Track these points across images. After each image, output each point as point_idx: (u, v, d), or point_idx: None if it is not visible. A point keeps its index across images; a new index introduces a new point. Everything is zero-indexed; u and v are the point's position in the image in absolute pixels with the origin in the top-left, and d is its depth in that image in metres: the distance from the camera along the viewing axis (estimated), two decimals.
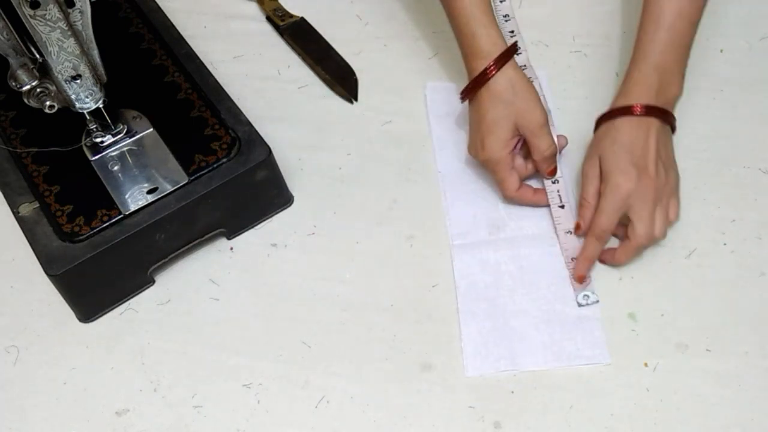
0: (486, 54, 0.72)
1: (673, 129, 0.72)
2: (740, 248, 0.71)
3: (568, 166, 0.77)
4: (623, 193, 0.68)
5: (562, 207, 0.73)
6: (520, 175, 0.74)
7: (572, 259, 0.71)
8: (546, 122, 0.72)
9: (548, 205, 0.74)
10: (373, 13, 0.91)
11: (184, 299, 0.73)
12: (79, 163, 0.72)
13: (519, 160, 0.74)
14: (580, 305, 0.69)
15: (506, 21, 0.85)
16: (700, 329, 0.67)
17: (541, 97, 0.77)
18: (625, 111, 0.71)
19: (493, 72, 0.71)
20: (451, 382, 0.67)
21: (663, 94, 0.71)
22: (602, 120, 0.73)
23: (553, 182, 0.74)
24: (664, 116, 0.71)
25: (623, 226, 0.70)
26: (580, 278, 0.70)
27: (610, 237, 0.71)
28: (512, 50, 0.72)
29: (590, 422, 0.64)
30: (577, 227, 0.72)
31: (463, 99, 0.75)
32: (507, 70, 0.71)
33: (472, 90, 0.73)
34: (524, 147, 0.74)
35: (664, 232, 0.69)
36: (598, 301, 0.69)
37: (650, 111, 0.70)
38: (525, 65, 0.81)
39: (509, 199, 0.74)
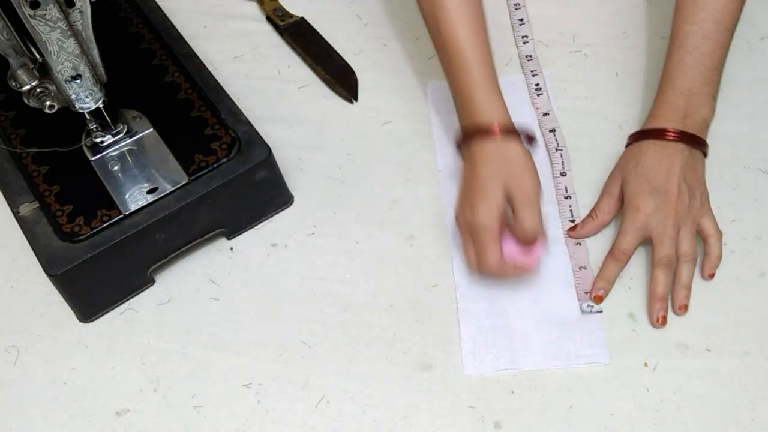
0: (494, 118, 0.69)
1: (704, 154, 0.72)
2: (740, 248, 0.71)
3: (579, 179, 0.76)
4: (642, 216, 0.68)
5: (573, 221, 0.73)
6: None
7: (580, 268, 0.71)
8: (538, 197, 0.67)
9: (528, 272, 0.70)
10: (373, 13, 0.91)
11: (184, 299, 0.73)
12: (79, 163, 0.72)
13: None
14: (583, 312, 0.69)
15: (521, 25, 0.87)
16: (700, 329, 0.67)
17: (544, 94, 0.78)
18: (655, 134, 0.70)
19: (497, 133, 0.67)
20: (451, 382, 0.67)
21: (691, 118, 0.70)
22: (632, 139, 0.73)
23: (566, 197, 0.74)
24: (694, 142, 0.70)
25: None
26: (598, 298, 0.68)
27: (629, 260, 0.69)
28: (519, 133, 0.69)
29: (590, 422, 0.64)
30: (572, 228, 0.72)
31: (461, 142, 0.72)
32: (512, 140, 0.68)
33: (470, 137, 0.69)
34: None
35: (692, 251, 0.68)
36: (601, 311, 0.68)
37: (679, 136, 0.69)
38: (530, 55, 0.83)
39: (486, 272, 0.68)
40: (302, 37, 0.89)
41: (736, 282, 0.69)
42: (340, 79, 0.85)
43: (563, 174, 0.76)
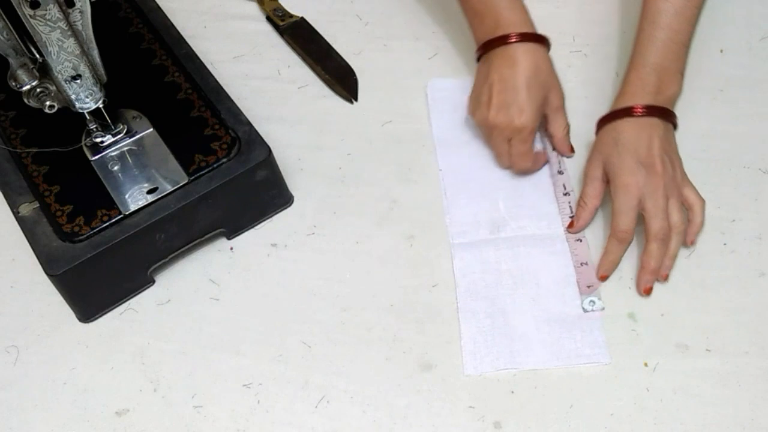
0: (524, 24, 0.74)
1: (675, 126, 0.73)
2: (740, 248, 0.71)
3: (572, 168, 0.77)
4: (634, 192, 0.68)
5: (573, 217, 0.73)
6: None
7: (581, 264, 0.71)
8: (564, 102, 0.76)
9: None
10: (373, 13, 0.91)
11: (184, 299, 0.73)
12: (79, 163, 0.72)
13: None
14: (585, 311, 0.69)
15: None
16: (700, 329, 0.67)
17: None
18: (626, 112, 0.71)
19: (533, 39, 0.73)
20: (451, 382, 0.67)
21: (662, 93, 0.72)
22: (603, 122, 0.73)
23: (564, 194, 0.75)
24: (665, 115, 0.71)
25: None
26: (603, 278, 0.70)
27: (632, 238, 0.70)
28: (546, 41, 0.75)
29: (590, 422, 0.64)
30: (570, 224, 0.72)
31: (482, 52, 0.75)
32: (542, 46, 0.74)
33: (500, 42, 0.73)
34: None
35: (682, 221, 0.69)
36: (603, 309, 0.69)
37: (651, 111, 0.70)
38: None
39: (528, 171, 0.76)
40: (302, 37, 0.89)
41: (736, 282, 0.69)
42: (340, 79, 0.85)
43: (560, 172, 0.76)
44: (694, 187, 0.71)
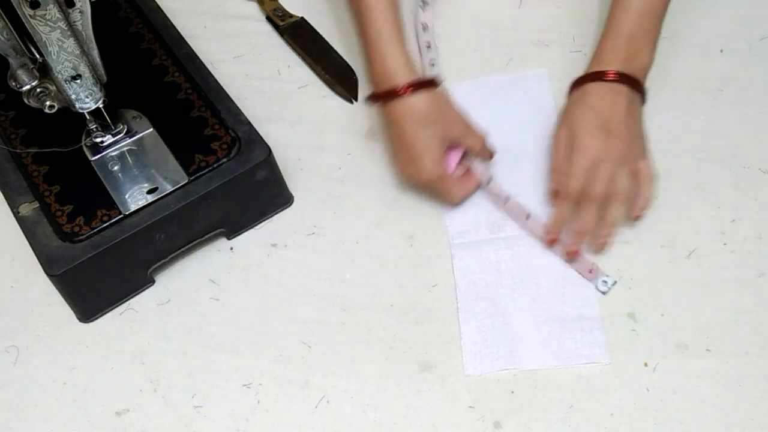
0: (401, 76, 0.72)
1: (643, 99, 0.73)
2: (740, 248, 0.71)
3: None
4: (591, 154, 0.69)
5: (508, 200, 0.74)
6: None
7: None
8: (467, 123, 0.74)
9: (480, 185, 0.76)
10: None
11: (184, 299, 0.73)
12: (79, 163, 0.72)
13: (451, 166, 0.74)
14: (603, 293, 0.69)
15: (428, 48, 0.85)
16: (700, 329, 0.67)
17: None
18: (596, 76, 0.72)
19: (408, 91, 0.71)
20: (451, 382, 0.67)
21: (633, 62, 0.72)
22: (574, 86, 0.74)
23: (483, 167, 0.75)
24: (633, 84, 0.72)
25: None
26: (552, 242, 0.70)
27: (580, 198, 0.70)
28: (432, 82, 0.73)
29: (590, 422, 0.64)
30: (556, 193, 0.72)
31: (372, 103, 0.75)
32: (420, 93, 0.71)
33: (383, 98, 0.72)
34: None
35: (625, 191, 0.69)
36: (616, 282, 0.69)
37: (621, 78, 0.71)
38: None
39: (457, 204, 0.75)
40: (302, 37, 0.89)
41: (736, 282, 0.69)
42: (340, 79, 0.85)
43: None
44: (649, 161, 0.71)
